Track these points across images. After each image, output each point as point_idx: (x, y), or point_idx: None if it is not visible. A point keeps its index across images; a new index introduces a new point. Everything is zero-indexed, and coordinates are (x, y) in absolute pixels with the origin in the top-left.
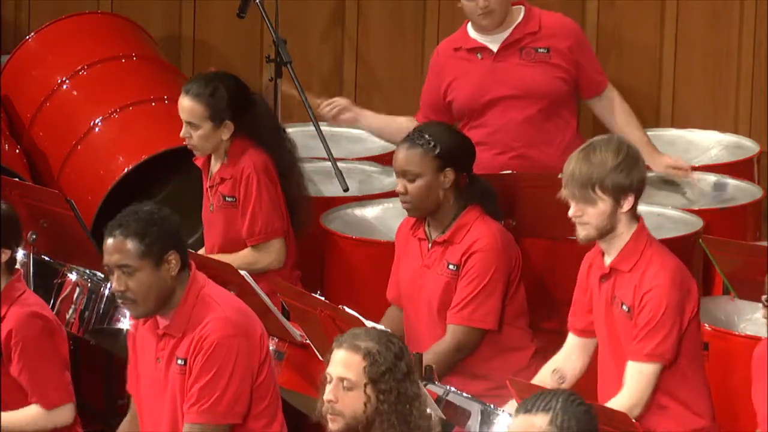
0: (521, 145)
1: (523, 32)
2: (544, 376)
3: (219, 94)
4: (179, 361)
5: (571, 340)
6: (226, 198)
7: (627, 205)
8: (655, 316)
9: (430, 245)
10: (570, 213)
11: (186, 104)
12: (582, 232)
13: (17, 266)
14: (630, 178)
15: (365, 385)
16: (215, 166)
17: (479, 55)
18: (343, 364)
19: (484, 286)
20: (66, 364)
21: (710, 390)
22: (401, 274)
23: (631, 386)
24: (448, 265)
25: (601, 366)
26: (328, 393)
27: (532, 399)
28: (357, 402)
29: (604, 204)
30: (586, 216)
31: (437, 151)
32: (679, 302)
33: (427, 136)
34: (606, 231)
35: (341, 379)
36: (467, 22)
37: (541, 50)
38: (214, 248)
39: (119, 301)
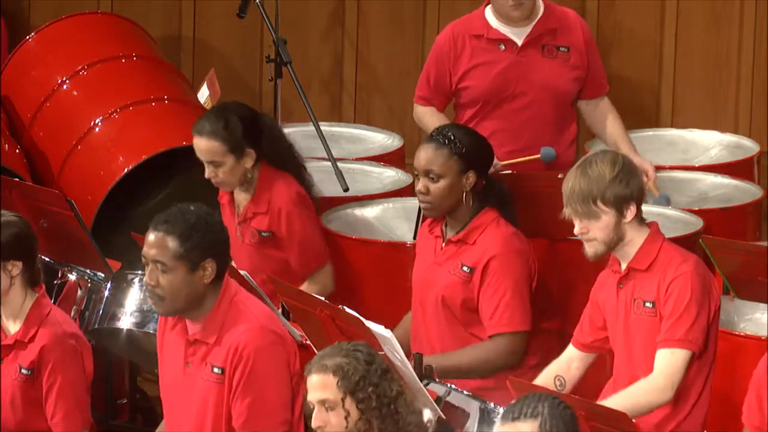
0: (534, 144)
1: (544, 28)
2: (546, 380)
3: (232, 125)
4: (216, 370)
5: (572, 351)
6: (262, 233)
7: (630, 214)
8: (682, 302)
9: (444, 244)
10: (575, 231)
11: (203, 145)
12: (590, 250)
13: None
14: (630, 188)
15: (342, 400)
16: (241, 198)
17: (502, 47)
18: (318, 387)
19: (512, 291)
20: (89, 382)
21: (710, 395)
22: (414, 271)
23: (663, 369)
24: (462, 267)
25: (616, 376)
26: (314, 420)
27: (518, 405)
28: (341, 419)
29: (607, 216)
30: (592, 232)
31: (463, 153)
32: (704, 290)
33: (452, 137)
34: (614, 243)
35: (321, 402)
36: (483, 9)
37: (562, 49)
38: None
39: (148, 295)
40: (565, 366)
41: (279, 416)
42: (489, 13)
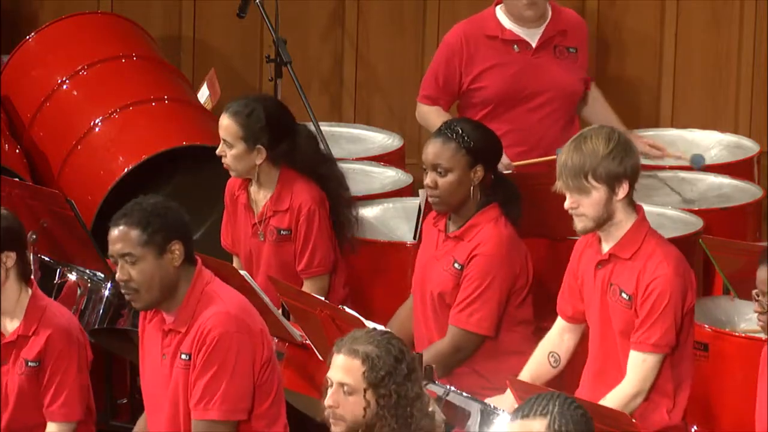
0: (543, 144)
1: (555, 29)
2: (540, 358)
3: (255, 117)
4: (183, 356)
5: (561, 322)
6: (282, 231)
7: (622, 192)
8: (659, 306)
9: (444, 237)
10: (566, 205)
11: (224, 122)
12: (579, 224)
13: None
14: (623, 165)
15: (365, 390)
16: (260, 197)
17: (516, 48)
18: (343, 369)
19: (482, 291)
20: (87, 373)
21: (691, 390)
22: (416, 262)
23: (635, 375)
24: (454, 263)
25: (591, 352)
26: (329, 398)
27: (528, 403)
28: (357, 407)
29: (598, 193)
30: (582, 207)
31: (471, 147)
32: (683, 292)
33: (460, 131)
34: (603, 220)
35: (341, 385)
36: (493, 10)
37: (571, 50)
38: (263, 276)
39: (123, 291)
40: (558, 339)
41: (234, 404)
42: (500, 13)
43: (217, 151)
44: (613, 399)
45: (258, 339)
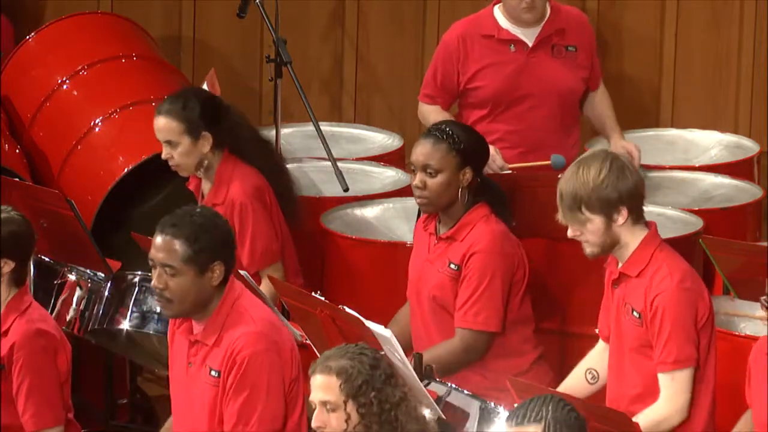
0: (543, 146)
1: (553, 28)
2: (578, 375)
3: (191, 106)
4: (213, 373)
5: (601, 343)
6: None
7: (621, 218)
8: (667, 323)
9: (436, 240)
10: (569, 234)
11: (161, 123)
12: (587, 249)
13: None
14: (617, 192)
15: (344, 403)
16: (206, 188)
17: (512, 47)
18: (321, 388)
19: (484, 289)
20: (66, 382)
21: (713, 408)
22: (410, 268)
23: (667, 395)
24: (449, 264)
25: (609, 368)
26: (315, 420)
27: (522, 409)
28: (341, 422)
29: (595, 222)
30: (585, 234)
31: (461, 148)
32: (690, 304)
33: (451, 132)
34: (608, 246)
35: (323, 403)
36: (491, 9)
37: (570, 49)
38: None
39: (156, 297)
40: (598, 357)
41: (269, 424)
42: (498, 13)
43: (163, 155)
44: (644, 419)
45: (287, 356)
